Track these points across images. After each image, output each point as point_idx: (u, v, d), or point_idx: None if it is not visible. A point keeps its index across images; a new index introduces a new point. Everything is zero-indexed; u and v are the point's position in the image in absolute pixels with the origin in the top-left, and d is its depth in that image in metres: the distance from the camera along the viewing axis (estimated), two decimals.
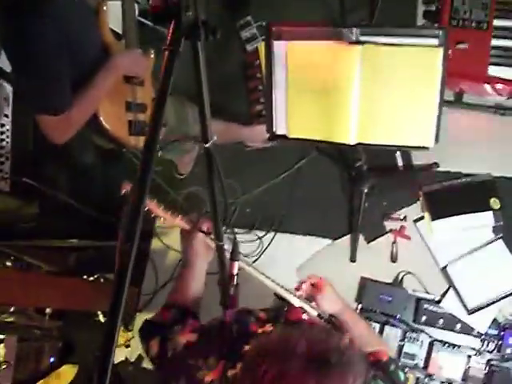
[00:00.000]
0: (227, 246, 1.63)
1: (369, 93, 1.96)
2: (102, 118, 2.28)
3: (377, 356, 1.70)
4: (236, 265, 1.52)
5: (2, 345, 2.69)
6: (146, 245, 3.18)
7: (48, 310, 2.94)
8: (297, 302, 1.84)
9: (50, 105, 2.06)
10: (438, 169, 2.99)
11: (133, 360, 3.11)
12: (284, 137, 2.18)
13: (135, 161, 2.62)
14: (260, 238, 3.10)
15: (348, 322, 1.89)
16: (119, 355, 3.08)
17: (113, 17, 2.35)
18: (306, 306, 1.84)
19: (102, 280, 3.05)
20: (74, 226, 3.01)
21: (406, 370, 2.81)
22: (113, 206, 3.04)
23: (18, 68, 2.05)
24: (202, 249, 1.78)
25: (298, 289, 1.95)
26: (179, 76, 1.15)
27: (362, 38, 1.91)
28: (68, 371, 2.95)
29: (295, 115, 2.12)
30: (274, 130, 2.16)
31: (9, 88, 2.82)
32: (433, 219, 2.90)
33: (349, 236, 3.04)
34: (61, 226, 3.00)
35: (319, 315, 1.84)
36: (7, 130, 2.76)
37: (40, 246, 2.99)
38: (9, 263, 2.94)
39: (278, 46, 2.04)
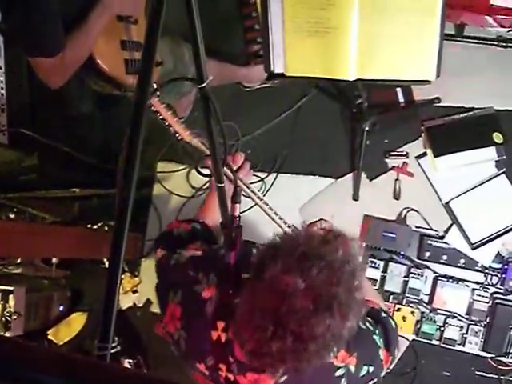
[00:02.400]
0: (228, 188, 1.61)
1: (368, 26, 1.91)
2: (97, 59, 2.23)
3: (369, 304, 1.70)
4: (238, 207, 1.50)
5: (12, 296, 2.71)
6: (148, 191, 3.16)
7: (54, 260, 2.96)
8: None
9: (43, 47, 2.02)
10: (440, 104, 2.94)
11: (141, 305, 3.14)
12: (282, 75, 2.13)
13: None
14: (262, 179, 3.08)
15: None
16: (127, 301, 3.11)
17: None
18: None
19: (106, 228, 3.05)
20: (75, 175, 2.99)
21: (412, 305, 2.83)
22: (113, 153, 3.04)
23: (7, 11, 2.00)
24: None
25: None
26: (173, 16, 1.11)
27: None
28: (77, 319, 2.99)
29: (293, 52, 2.06)
30: (272, 68, 2.11)
31: (0, 38, 2.75)
32: (435, 156, 2.87)
33: (351, 174, 3.02)
34: (62, 176, 2.98)
35: None
36: (1, 81, 2.71)
37: (42, 197, 2.98)
38: (12, 215, 2.93)
39: None
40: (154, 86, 1.44)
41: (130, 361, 2.90)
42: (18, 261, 2.80)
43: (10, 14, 2.01)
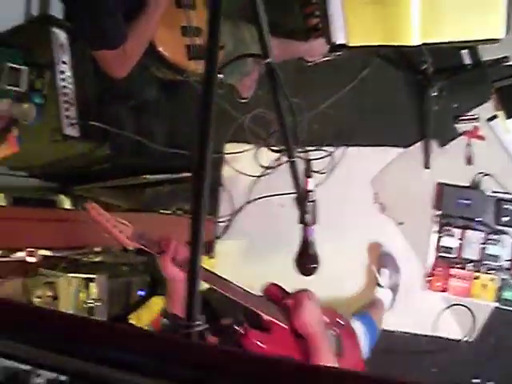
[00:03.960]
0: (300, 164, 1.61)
1: None
2: (159, 46, 2.26)
3: None
4: (311, 181, 1.50)
5: (94, 283, 2.80)
6: (217, 173, 3.19)
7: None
8: None
9: (107, 39, 2.07)
10: (509, 63, 2.83)
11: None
12: (344, 46, 2.10)
13: (198, 87, 2.60)
14: (331, 153, 3.06)
15: (315, 349, 1.76)
16: None
17: None
18: None
19: (179, 212, 3.10)
20: (145, 162, 3.05)
21: (491, 272, 2.77)
22: (180, 137, 3.08)
23: (71, 6, 2.05)
24: None
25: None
26: None
27: None
28: (157, 302, 3.06)
29: (354, 21, 2.03)
30: (334, 40, 2.08)
31: (63, 35, 2.82)
32: (508, 117, 2.77)
33: (421, 142, 2.96)
34: (133, 164, 3.05)
35: None
36: (68, 76, 2.77)
37: (116, 185, 3.05)
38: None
39: None
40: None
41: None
42: (98, 249, 2.88)
43: (72, 10, 2.06)
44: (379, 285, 2.90)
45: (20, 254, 2.57)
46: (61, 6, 2.59)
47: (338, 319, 2.12)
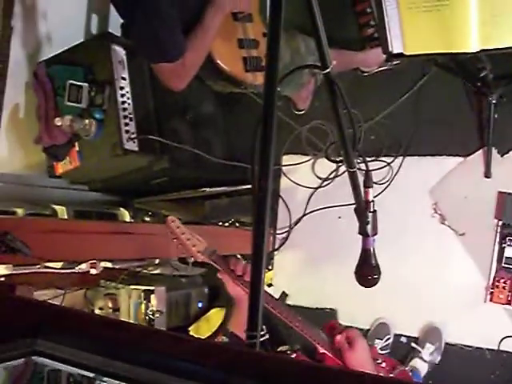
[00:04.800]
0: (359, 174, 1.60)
1: None
2: (217, 59, 2.30)
3: None
4: (371, 191, 1.49)
5: (153, 295, 2.84)
6: (275, 184, 3.20)
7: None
8: None
9: (165, 53, 2.11)
10: None
11: (277, 298, 3.18)
12: (401, 55, 2.08)
13: (256, 99, 2.62)
14: (389, 163, 3.03)
15: None
16: None
17: None
18: None
19: (237, 224, 3.12)
20: (203, 175, 3.08)
21: None
22: (238, 150, 3.11)
23: (130, 20, 2.11)
24: None
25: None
26: (287, 9, 1.12)
27: None
28: (216, 314, 3.08)
29: (411, 29, 2.01)
30: (390, 49, 2.07)
31: (122, 52, 2.89)
32: None
33: (481, 151, 2.90)
34: (191, 177, 3.08)
35: None
36: (127, 91, 2.83)
37: (174, 198, 3.09)
38: (147, 218, 3.07)
39: None
40: None
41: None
42: (157, 261, 2.92)
43: (131, 26, 2.11)
44: (421, 357, 2.86)
45: (82, 266, 2.63)
46: (119, 23, 2.65)
47: (393, 365, 2.13)
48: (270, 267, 3.18)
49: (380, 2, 2.03)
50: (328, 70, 1.24)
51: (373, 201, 1.49)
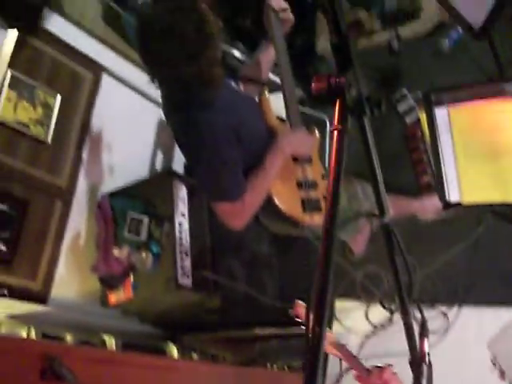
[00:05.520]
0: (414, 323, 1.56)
1: None
2: (276, 199, 2.34)
3: None
4: (426, 342, 1.44)
5: None
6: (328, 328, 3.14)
7: None
8: None
9: (226, 193, 2.18)
10: None
11: None
12: (458, 204, 2.10)
13: (313, 241, 2.64)
14: (444, 313, 2.95)
15: None
16: None
17: (275, 106, 2.46)
18: None
19: (286, 368, 3.04)
20: (255, 315, 3.05)
21: None
22: (292, 292, 3.09)
23: (194, 161, 2.20)
24: None
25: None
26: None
27: None
28: None
29: (468, 180, 2.04)
30: (447, 197, 2.09)
31: (184, 189, 3.01)
32: None
33: None
34: (243, 317, 3.06)
35: None
36: (185, 228, 2.91)
37: (224, 337, 3.06)
38: (195, 356, 3.03)
39: (440, 112, 2.01)
40: None
41: None
42: None
43: (194, 166, 2.21)
44: None
45: None
46: (183, 161, 2.78)
47: None
48: None
49: (437, 151, 2.09)
50: (386, 220, 1.25)
51: (428, 353, 1.44)
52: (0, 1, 2.81)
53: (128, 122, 3.53)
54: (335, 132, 1.13)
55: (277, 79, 2.73)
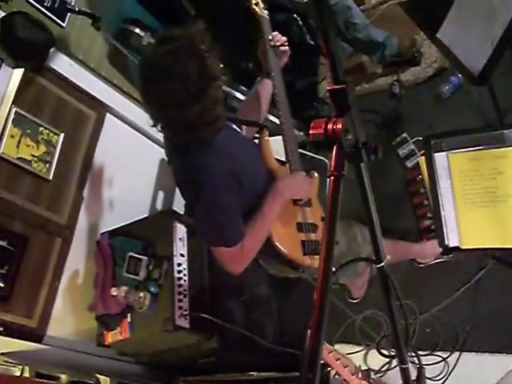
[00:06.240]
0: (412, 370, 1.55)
1: None
2: (276, 242, 2.32)
3: None
4: None
5: None
6: (324, 376, 3.10)
7: None
8: None
9: (224, 239, 2.17)
10: None
11: None
12: (458, 249, 2.11)
13: (313, 283, 2.63)
14: (444, 359, 2.92)
15: None
16: None
17: (275, 148, 2.47)
18: None
19: None
20: (253, 358, 3.02)
21: None
22: (290, 336, 3.07)
23: (192, 203, 2.21)
24: None
25: None
26: (343, 198, 1.17)
27: None
28: None
29: (467, 225, 2.05)
30: (447, 242, 2.10)
31: (183, 229, 3.02)
32: None
33: None
34: (240, 359, 3.03)
35: None
36: (184, 268, 2.92)
37: (220, 380, 3.02)
38: None
39: (439, 157, 2.04)
40: (333, 268, 1.46)
41: None
42: None
43: (194, 209, 2.21)
44: None
45: None
46: (183, 201, 2.80)
47: None
48: None
49: (436, 196, 2.11)
50: (381, 265, 1.26)
51: None
52: (7, 40, 2.87)
53: (130, 162, 3.56)
54: (331, 178, 1.15)
55: (276, 120, 2.76)
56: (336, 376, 1.86)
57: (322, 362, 1.78)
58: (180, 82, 1.96)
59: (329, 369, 1.86)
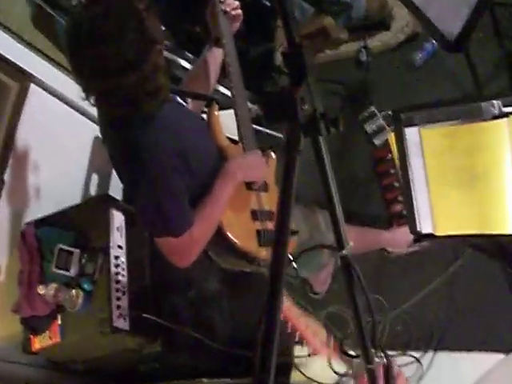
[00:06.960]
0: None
1: None
2: (227, 232, 2.31)
3: None
4: None
5: None
6: (285, 379, 3.13)
7: None
8: None
9: (170, 227, 2.14)
10: None
11: None
12: (431, 236, 2.13)
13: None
14: (417, 359, 2.98)
15: None
16: None
17: (226, 124, 2.45)
18: None
19: None
20: (202, 362, 3.02)
21: None
22: (244, 337, 3.07)
23: (132, 187, 2.17)
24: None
25: None
26: (306, 182, 1.16)
27: (506, 110, 1.87)
28: None
29: (441, 209, 2.07)
30: (419, 229, 2.12)
31: (121, 217, 2.98)
32: None
33: None
34: (187, 364, 3.03)
35: None
36: (122, 262, 2.88)
37: None
38: None
39: (411, 133, 2.05)
40: (290, 257, 1.46)
41: None
42: None
43: (133, 192, 2.18)
44: None
45: None
46: (120, 185, 2.76)
47: None
48: None
49: (407, 177, 2.12)
50: (344, 253, 1.26)
51: None
52: None
53: (59, 140, 3.49)
54: (286, 153, 1.14)
55: (227, 92, 2.73)
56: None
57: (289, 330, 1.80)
58: (114, 46, 1.91)
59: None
